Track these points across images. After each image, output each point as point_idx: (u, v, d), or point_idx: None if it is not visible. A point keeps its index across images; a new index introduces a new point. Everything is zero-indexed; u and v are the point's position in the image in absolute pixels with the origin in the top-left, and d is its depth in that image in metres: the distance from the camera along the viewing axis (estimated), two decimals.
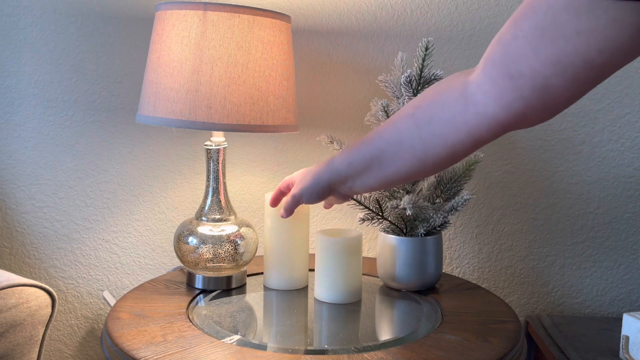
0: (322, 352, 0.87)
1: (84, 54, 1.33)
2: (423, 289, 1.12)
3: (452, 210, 1.06)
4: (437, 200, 1.11)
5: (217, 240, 1.08)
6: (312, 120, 1.35)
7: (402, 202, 1.03)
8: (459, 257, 1.40)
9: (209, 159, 1.12)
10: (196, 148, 1.36)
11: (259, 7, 1.08)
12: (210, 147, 1.11)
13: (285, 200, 1.00)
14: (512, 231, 1.39)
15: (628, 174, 1.37)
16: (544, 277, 1.40)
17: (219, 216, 1.12)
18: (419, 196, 1.08)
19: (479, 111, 0.71)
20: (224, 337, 0.90)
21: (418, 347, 0.87)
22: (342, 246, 1.04)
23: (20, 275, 1.22)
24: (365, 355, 0.84)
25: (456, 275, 1.35)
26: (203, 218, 1.11)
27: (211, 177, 1.12)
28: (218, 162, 1.12)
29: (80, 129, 1.35)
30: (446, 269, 1.39)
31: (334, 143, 1.15)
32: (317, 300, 1.06)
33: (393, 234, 1.10)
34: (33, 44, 1.32)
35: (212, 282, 1.10)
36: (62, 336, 1.39)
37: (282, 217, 1.01)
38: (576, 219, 1.38)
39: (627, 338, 1.09)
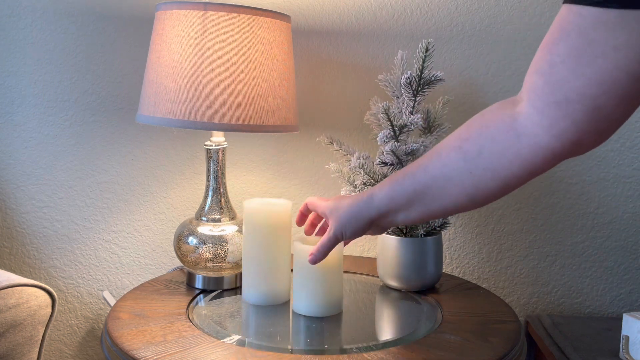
0: (322, 352, 0.87)
1: (84, 54, 1.33)
2: (423, 289, 1.12)
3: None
4: None
5: (217, 240, 1.08)
6: (312, 120, 1.35)
7: None
8: (459, 257, 1.40)
9: (209, 159, 1.12)
10: (196, 148, 1.36)
11: (259, 7, 1.08)
12: (210, 147, 1.11)
13: (321, 243, 0.89)
14: (512, 231, 1.39)
15: (628, 174, 1.37)
16: (544, 277, 1.40)
17: (219, 216, 1.12)
18: None
19: (532, 143, 0.69)
20: (224, 337, 0.90)
21: (418, 347, 0.87)
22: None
23: (20, 275, 1.22)
24: (365, 355, 0.84)
25: (456, 275, 1.35)
26: (203, 218, 1.11)
27: (211, 177, 1.12)
28: (218, 162, 1.12)
29: (80, 129, 1.35)
30: (446, 269, 1.39)
31: (334, 144, 1.15)
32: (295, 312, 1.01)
33: (393, 235, 1.10)
34: (33, 44, 1.32)
35: (212, 282, 1.10)
36: (62, 336, 1.39)
37: (312, 262, 0.91)
38: (576, 219, 1.38)
39: (627, 338, 1.09)
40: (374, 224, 0.85)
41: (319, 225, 0.98)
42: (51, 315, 1.12)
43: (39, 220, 1.37)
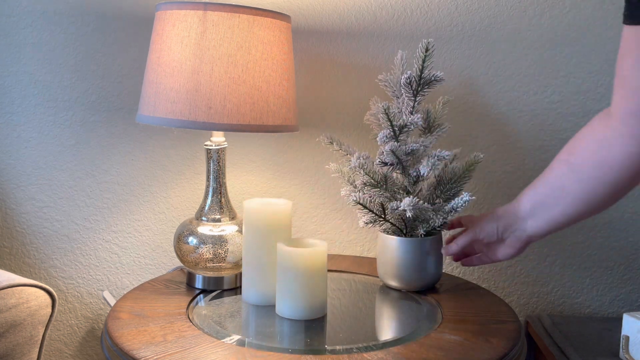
0: (322, 352, 0.87)
1: (84, 54, 1.33)
2: (423, 289, 1.12)
3: (451, 212, 1.06)
4: (437, 201, 1.11)
5: (217, 240, 1.08)
6: (312, 120, 1.35)
7: (402, 204, 1.03)
8: None
9: (209, 159, 1.12)
10: (196, 148, 1.36)
11: (259, 7, 1.08)
12: (210, 147, 1.11)
13: (459, 237, 1.05)
14: None
15: None
16: (544, 277, 1.40)
17: (219, 216, 1.12)
18: (419, 197, 1.08)
19: (623, 151, 0.77)
20: (224, 337, 0.90)
21: (418, 347, 0.87)
22: (300, 258, 0.96)
23: (20, 275, 1.22)
24: (365, 355, 0.84)
25: (456, 276, 1.35)
26: (203, 218, 1.11)
27: (211, 177, 1.12)
28: (218, 162, 1.12)
29: (80, 129, 1.35)
30: (446, 269, 1.39)
31: (334, 144, 1.15)
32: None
33: (393, 235, 1.10)
34: (33, 44, 1.32)
35: (212, 282, 1.10)
36: (62, 336, 1.39)
37: (450, 253, 1.06)
38: None
39: (627, 338, 1.09)
40: (507, 233, 0.98)
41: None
42: (51, 315, 1.12)
43: (39, 220, 1.37)
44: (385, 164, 1.07)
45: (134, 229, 1.38)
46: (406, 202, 1.02)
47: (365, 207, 1.08)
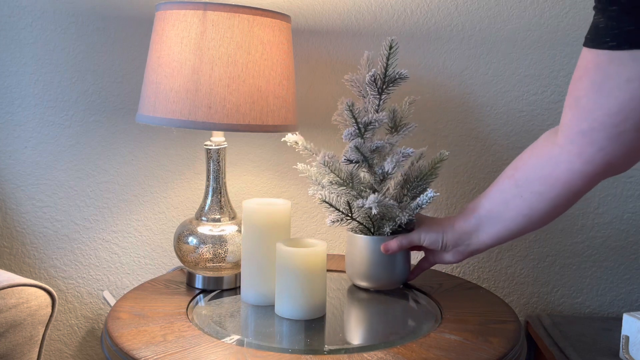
0: (322, 352, 0.87)
1: (84, 54, 1.33)
2: (391, 288, 1.11)
3: (417, 208, 1.05)
4: (404, 199, 1.10)
5: (217, 240, 1.08)
6: (312, 120, 1.35)
7: (367, 201, 1.02)
8: None
9: (209, 159, 1.12)
10: (196, 148, 1.36)
11: (259, 7, 1.08)
12: (210, 147, 1.11)
13: (400, 237, 1.05)
14: None
15: (628, 174, 1.37)
16: (544, 277, 1.40)
17: (219, 216, 1.12)
18: (385, 195, 1.07)
19: (568, 168, 0.80)
20: (224, 337, 0.90)
21: (418, 347, 0.87)
22: (299, 258, 0.95)
23: (20, 275, 1.22)
24: (365, 355, 0.84)
25: (456, 275, 1.35)
26: (203, 218, 1.11)
27: (211, 177, 1.12)
28: (218, 162, 1.12)
29: (80, 129, 1.35)
30: (446, 268, 1.39)
31: (299, 144, 1.13)
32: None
33: (360, 233, 1.10)
34: (33, 44, 1.32)
35: (212, 282, 1.10)
36: (62, 336, 1.39)
37: (383, 250, 1.05)
38: (576, 219, 1.38)
39: (627, 338, 1.09)
40: (451, 246, 1.00)
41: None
42: (51, 315, 1.12)
43: (39, 220, 1.37)
44: (351, 161, 1.06)
45: (134, 229, 1.38)
46: (371, 199, 1.01)
47: (331, 205, 1.07)
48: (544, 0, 1.32)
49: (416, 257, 1.23)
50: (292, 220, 1.36)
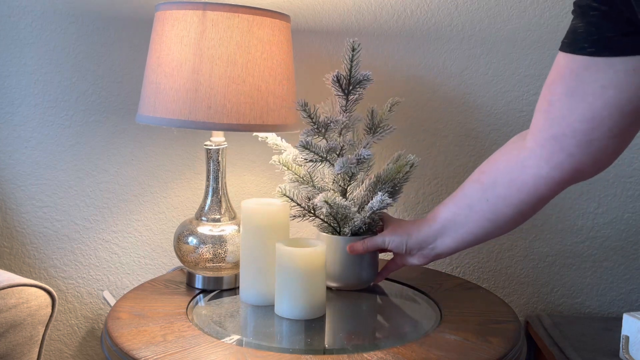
0: (322, 351, 0.87)
1: (84, 54, 1.33)
2: (358, 288, 1.10)
3: (370, 211, 1.04)
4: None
5: (217, 240, 1.08)
6: None
7: (316, 199, 1.02)
8: (458, 257, 1.40)
9: (209, 159, 1.12)
10: (196, 148, 1.36)
11: (259, 7, 1.08)
12: (210, 147, 1.11)
13: (367, 239, 1.04)
14: (512, 231, 1.38)
15: (628, 174, 1.37)
16: (544, 277, 1.40)
17: (219, 216, 1.12)
18: (336, 194, 1.07)
19: (535, 173, 0.78)
20: (224, 337, 0.90)
21: (418, 347, 0.87)
22: (299, 258, 0.96)
23: (20, 275, 1.22)
24: (365, 355, 0.84)
25: (456, 275, 1.35)
26: (203, 218, 1.11)
27: (211, 177, 1.12)
28: (218, 162, 1.12)
29: (80, 129, 1.35)
30: (446, 268, 1.39)
31: (268, 139, 1.14)
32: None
33: (324, 232, 1.09)
34: (33, 44, 1.32)
35: (212, 282, 1.10)
36: (62, 336, 1.39)
37: (349, 250, 1.04)
38: (576, 219, 1.38)
39: (627, 338, 1.09)
40: (415, 250, 0.97)
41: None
42: (51, 315, 1.12)
43: (39, 220, 1.37)
44: (306, 160, 1.07)
45: (134, 229, 1.38)
46: (320, 197, 1.02)
47: (292, 199, 1.07)
48: (544, 0, 1.32)
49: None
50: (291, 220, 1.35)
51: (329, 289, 1.08)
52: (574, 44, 0.70)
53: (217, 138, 1.12)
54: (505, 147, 0.86)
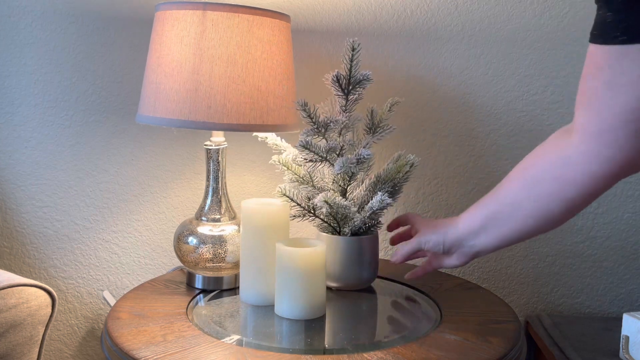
0: (322, 351, 0.87)
1: (84, 54, 1.33)
2: (358, 288, 1.10)
3: (369, 211, 1.04)
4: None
5: (217, 240, 1.08)
6: None
7: (316, 199, 1.02)
8: None
9: (209, 159, 1.12)
10: (196, 148, 1.36)
11: (259, 6, 1.08)
12: (210, 147, 1.11)
13: (404, 246, 1.02)
14: None
15: None
16: (544, 277, 1.40)
17: (219, 216, 1.12)
18: (336, 193, 1.07)
19: (584, 170, 0.76)
20: (224, 337, 0.90)
21: (418, 347, 0.87)
22: (299, 258, 0.96)
23: (20, 275, 1.22)
24: (365, 355, 0.84)
25: (456, 275, 1.35)
26: (203, 218, 1.11)
27: (211, 177, 1.12)
28: (218, 162, 1.12)
29: (80, 129, 1.35)
30: (445, 268, 1.39)
31: (267, 139, 1.14)
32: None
33: (327, 232, 1.09)
34: (33, 44, 1.32)
35: (212, 282, 1.10)
36: (62, 336, 1.39)
37: (395, 261, 1.02)
38: (576, 219, 1.38)
39: (627, 338, 1.09)
40: (455, 247, 0.95)
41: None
42: (51, 315, 1.12)
43: (39, 220, 1.37)
44: (306, 159, 1.07)
45: (134, 229, 1.38)
46: (320, 197, 1.02)
47: (291, 199, 1.07)
48: (544, 0, 1.32)
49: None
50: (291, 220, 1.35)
51: (329, 289, 1.08)
52: (605, 34, 0.69)
53: (217, 138, 1.12)
54: (548, 143, 0.83)
